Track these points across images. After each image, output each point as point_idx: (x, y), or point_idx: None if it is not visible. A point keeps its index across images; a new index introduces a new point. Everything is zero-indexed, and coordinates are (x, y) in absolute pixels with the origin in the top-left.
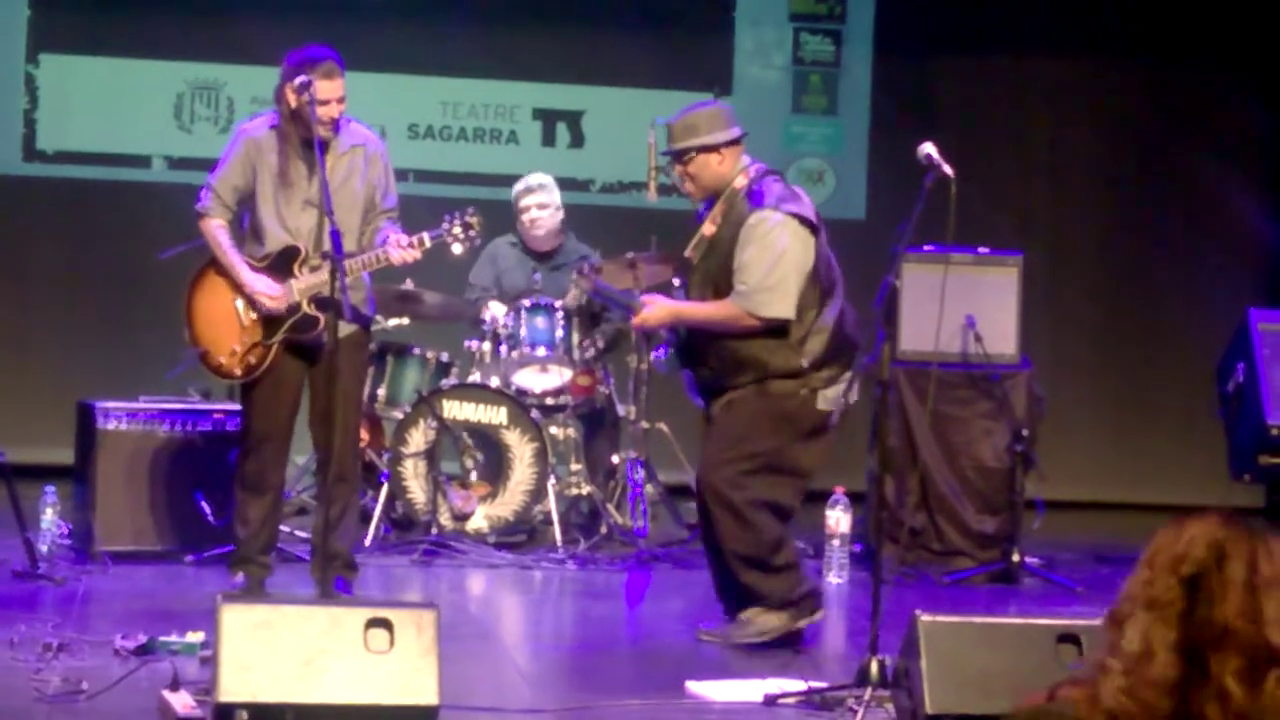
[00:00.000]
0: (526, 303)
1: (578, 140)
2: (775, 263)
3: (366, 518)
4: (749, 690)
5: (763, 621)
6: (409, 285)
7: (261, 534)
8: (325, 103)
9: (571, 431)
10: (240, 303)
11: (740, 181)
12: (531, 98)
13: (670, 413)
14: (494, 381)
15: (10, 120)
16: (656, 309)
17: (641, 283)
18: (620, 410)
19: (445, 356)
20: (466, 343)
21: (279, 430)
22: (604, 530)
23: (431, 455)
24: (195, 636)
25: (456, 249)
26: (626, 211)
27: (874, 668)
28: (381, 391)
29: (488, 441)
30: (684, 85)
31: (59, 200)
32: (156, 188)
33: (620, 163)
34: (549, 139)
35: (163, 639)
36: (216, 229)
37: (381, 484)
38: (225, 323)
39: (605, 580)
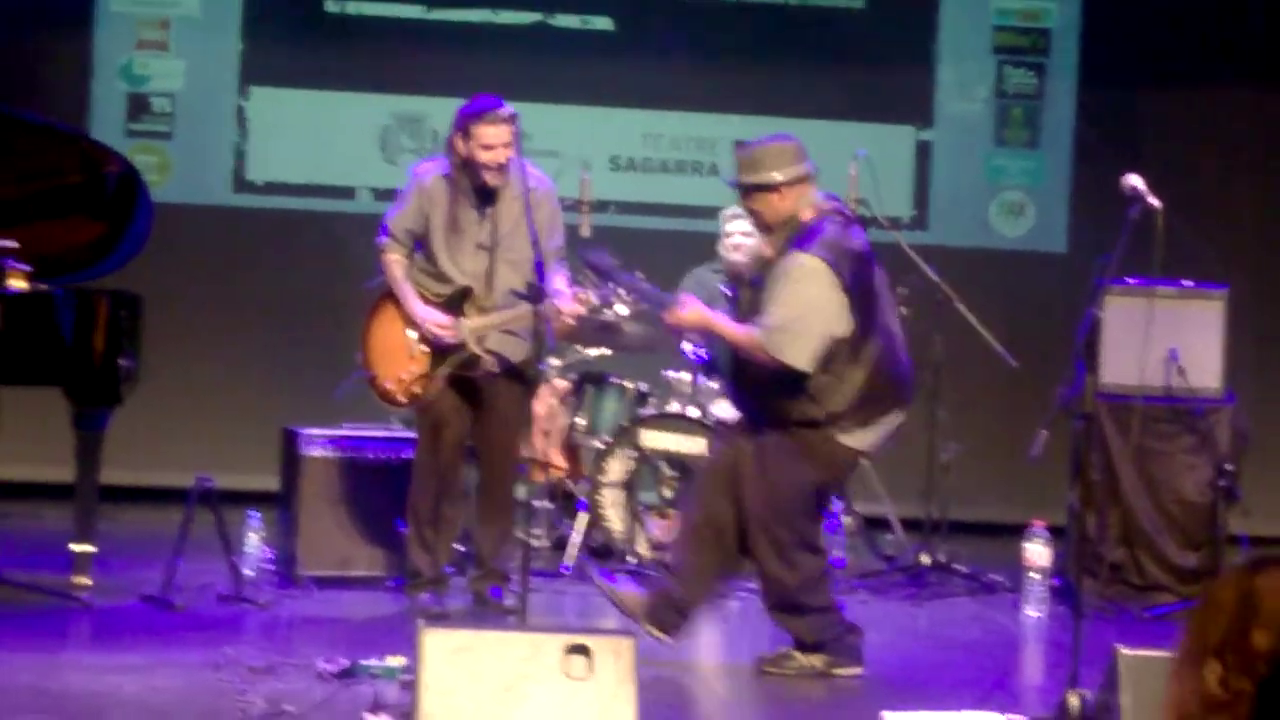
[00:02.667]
0: None
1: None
2: (802, 312)
3: (561, 545)
4: None
5: (801, 661)
6: (611, 315)
7: (438, 557)
8: (491, 148)
9: None
10: (412, 334)
11: (807, 215)
12: (733, 130)
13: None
14: (692, 411)
15: (221, 152)
16: (692, 311)
17: None
18: None
19: (644, 386)
20: (665, 372)
21: (442, 462)
22: None
23: (630, 485)
24: (396, 661)
25: (621, 310)
26: None
27: (1074, 702)
28: (581, 421)
29: (686, 471)
30: (884, 118)
31: (267, 231)
32: (361, 219)
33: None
34: None
35: (364, 662)
36: (393, 264)
37: (580, 512)
38: (396, 351)
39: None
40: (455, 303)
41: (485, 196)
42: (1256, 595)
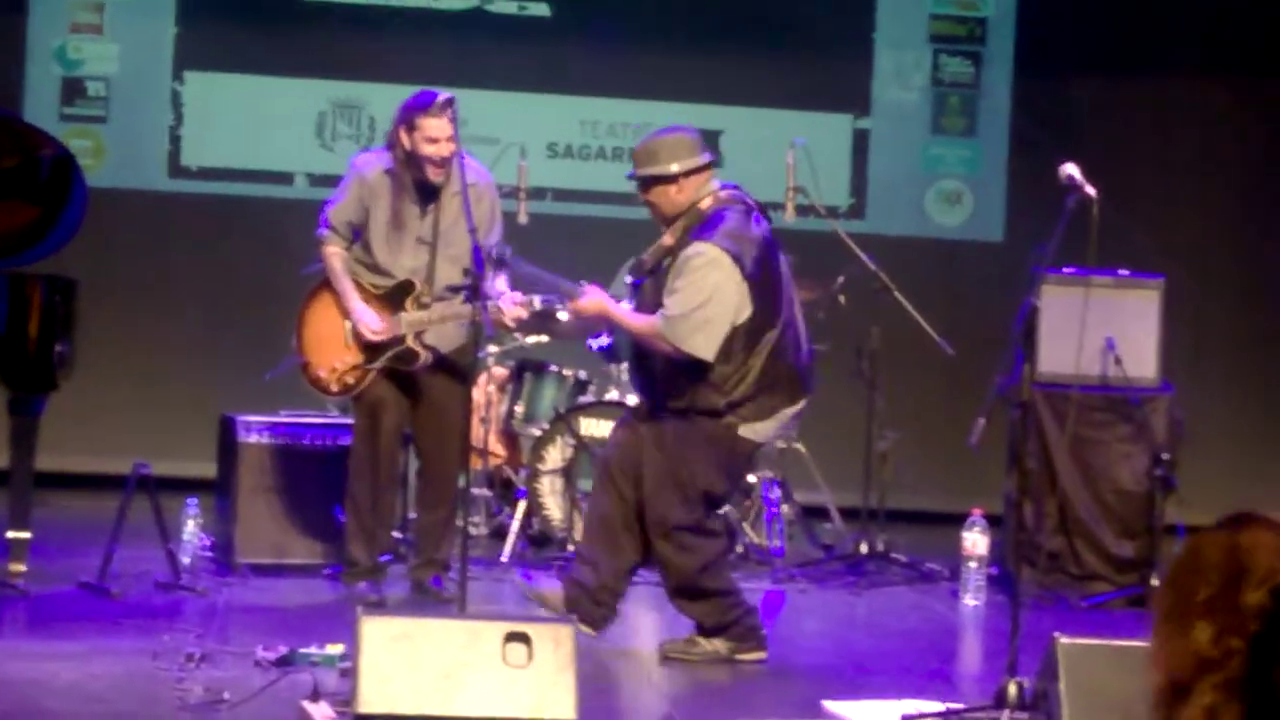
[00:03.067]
0: None
1: (718, 160)
2: (704, 301)
3: (501, 533)
4: (886, 711)
5: (705, 646)
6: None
7: (376, 545)
8: (435, 140)
9: None
10: (348, 325)
11: (706, 204)
12: (669, 117)
13: (806, 433)
14: (631, 399)
15: (156, 137)
16: (592, 300)
17: None
18: None
19: (583, 374)
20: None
21: (380, 451)
22: (740, 550)
23: (569, 472)
24: (335, 648)
25: (563, 316)
26: None
27: (1012, 690)
28: (519, 408)
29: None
30: (822, 106)
31: (203, 216)
32: (298, 204)
33: (757, 183)
34: None
35: (303, 650)
36: (332, 255)
37: (518, 500)
38: (331, 340)
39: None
40: (394, 296)
41: (427, 192)
42: (1243, 552)
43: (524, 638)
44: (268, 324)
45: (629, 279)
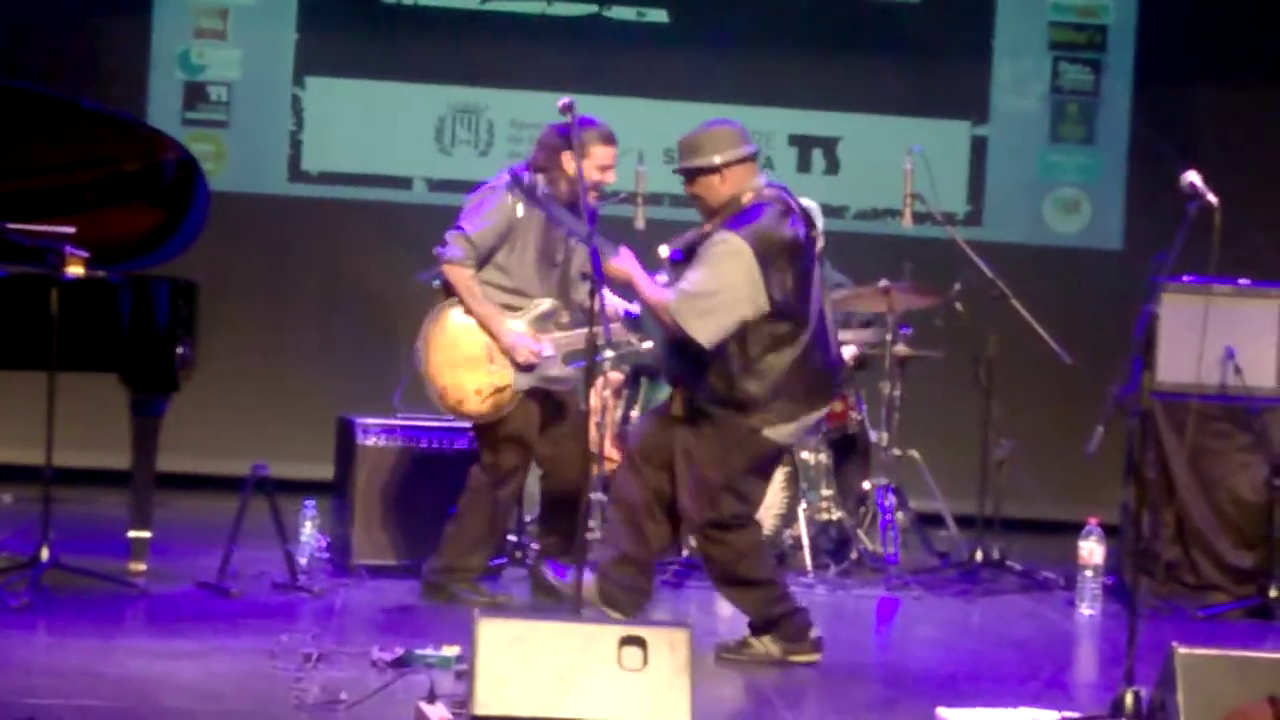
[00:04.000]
0: None
1: (833, 167)
2: (716, 290)
3: None
4: (1001, 719)
5: (757, 647)
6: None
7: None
8: (607, 168)
9: (823, 457)
10: (488, 345)
11: (747, 197)
12: (787, 124)
13: (922, 439)
14: None
15: (277, 141)
16: (622, 263)
17: (895, 309)
18: (872, 436)
19: None
20: None
21: (526, 462)
22: (854, 556)
23: None
24: (450, 650)
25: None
26: (881, 239)
27: (1129, 699)
28: (635, 414)
29: None
30: (940, 113)
31: (322, 220)
32: (416, 209)
33: (875, 189)
34: (804, 165)
35: (419, 651)
36: (469, 278)
37: None
38: (469, 364)
39: (855, 605)
40: (540, 321)
41: (574, 211)
42: None
43: (639, 642)
44: (386, 327)
45: (667, 251)
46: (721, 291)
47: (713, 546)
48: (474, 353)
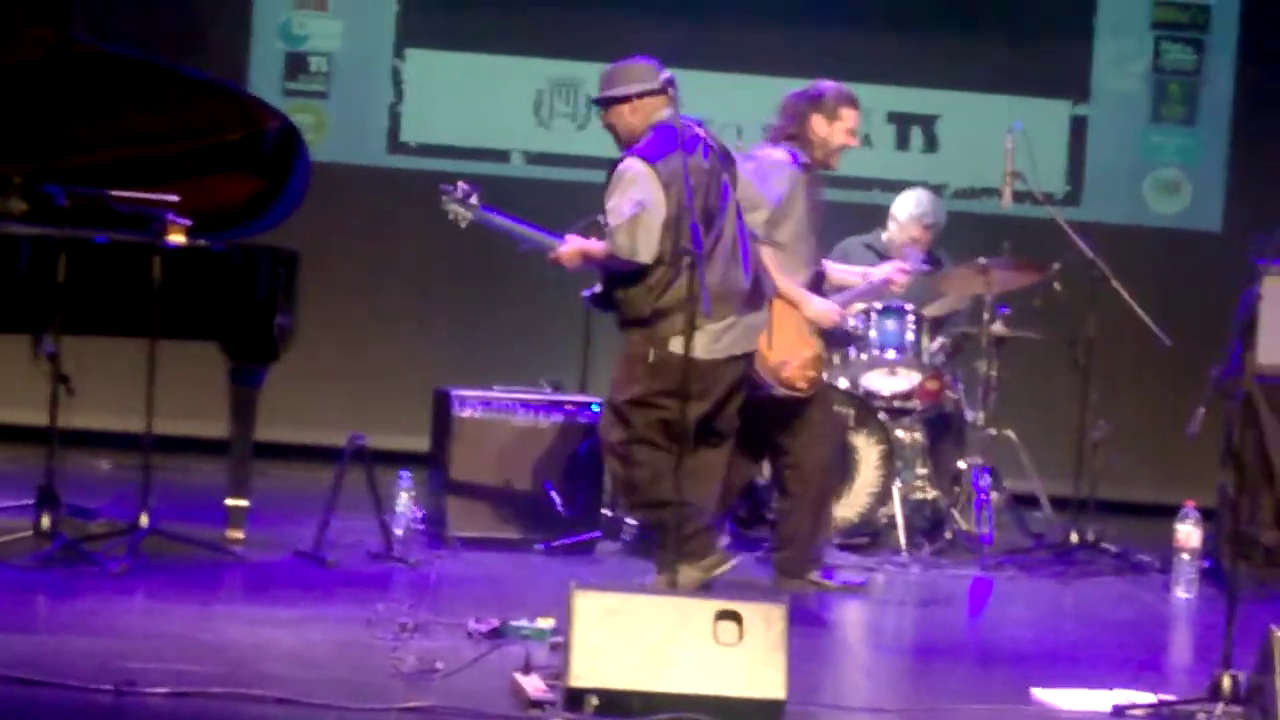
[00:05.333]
0: (878, 305)
1: (931, 144)
2: (640, 210)
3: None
4: (1096, 700)
5: (682, 575)
6: None
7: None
8: (854, 131)
9: (918, 435)
10: (799, 319)
11: (650, 132)
12: (886, 101)
13: (1018, 419)
14: (842, 383)
15: (377, 113)
16: (568, 247)
17: (993, 288)
18: (968, 416)
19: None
20: None
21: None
22: (948, 536)
23: None
24: (545, 622)
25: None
26: (980, 218)
27: (1226, 683)
28: None
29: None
30: (1040, 92)
31: (421, 192)
32: (514, 182)
33: (974, 168)
34: (903, 143)
35: (514, 623)
36: (769, 253)
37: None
38: (790, 338)
39: (949, 585)
40: (810, 287)
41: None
42: None
43: (735, 616)
44: (483, 299)
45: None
46: (645, 208)
47: (624, 468)
48: (795, 326)
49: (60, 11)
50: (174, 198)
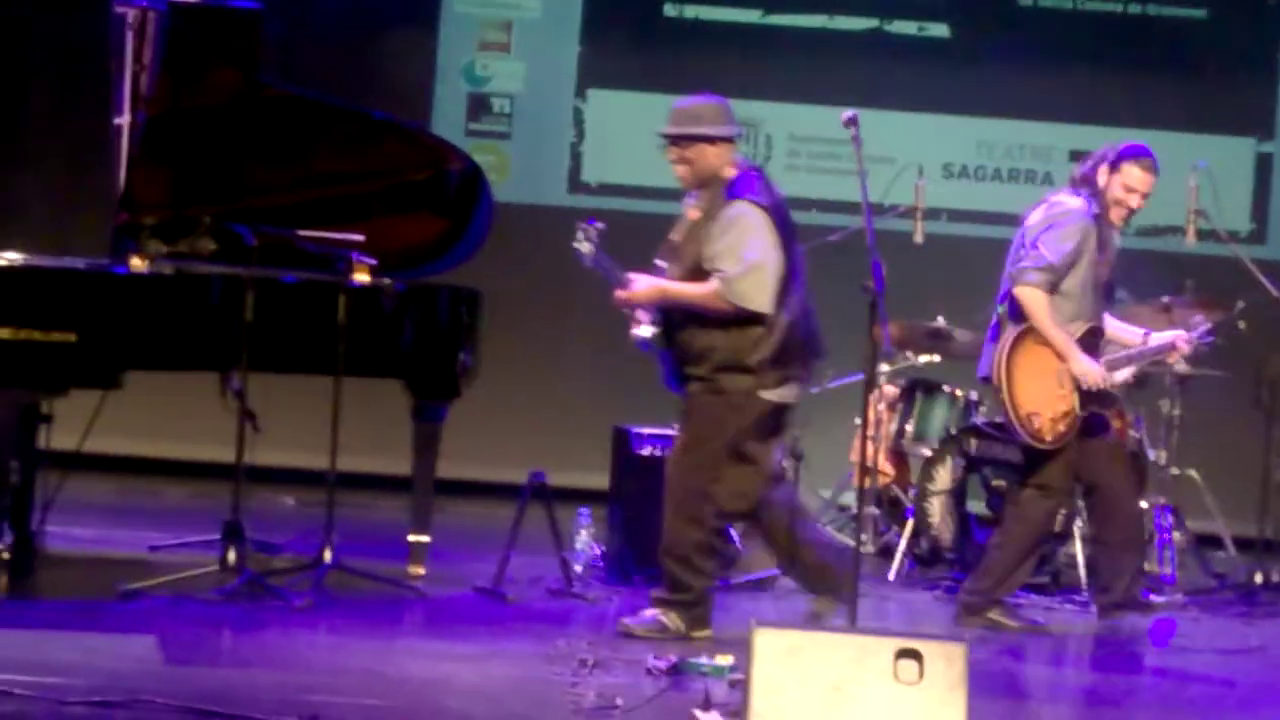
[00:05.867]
0: None
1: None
2: (756, 257)
3: (888, 551)
4: None
5: (667, 619)
6: (940, 322)
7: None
8: (1131, 190)
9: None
10: (1061, 372)
11: (728, 173)
12: (1067, 139)
13: (1202, 460)
14: None
15: (558, 153)
16: (643, 285)
17: (1176, 326)
18: (1150, 455)
19: (974, 395)
20: None
21: (1070, 483)
22: None
23: (958, 493)
24: (724, 659)
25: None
26: (1162, 256)
27: None
28: (909, 428)
29: (1014, 481)
30: (1222, 129)
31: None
32: None
33: (1155, 206)
34: None
35: (693, 660)
36: (1044, 300)
37: (906, 520)
38: (1046, 390)
39: (1129, 625)
40: (1087, 343)
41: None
42: None
43: (915, 655)
44: None
45: (659, 262)
46: (763, 256)
47: (680, 520)
48: (1050, 378)
49: (249, 56)
50: (360, 237)
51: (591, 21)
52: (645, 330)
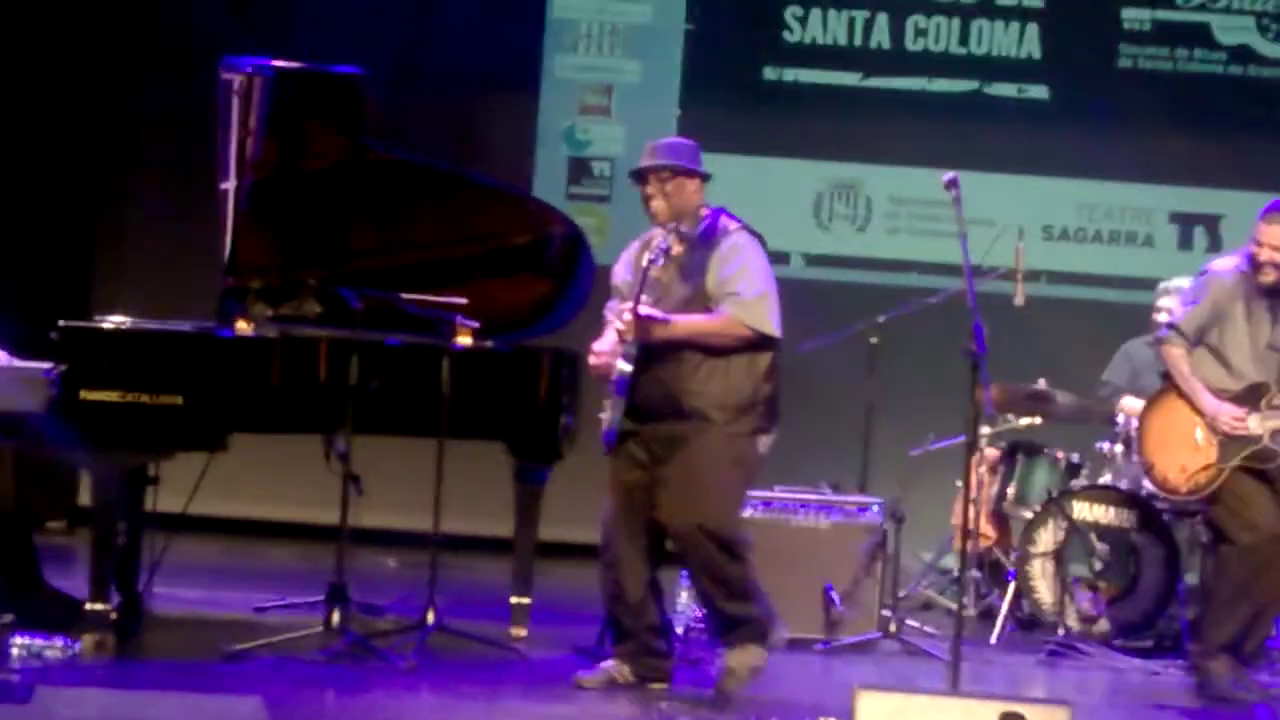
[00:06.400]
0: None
1: (1215, 244)
2: (764, 282)
3: (990, 614)
4: None
5: (750, 658)
6: (1042, 384)
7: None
8: (1261, 245)
9: (1204, 537)
10: (1199, 426)
11: (702, 210)
12: (1168, 201)
13: None
14: (1125, 484)
15: None
16: (650, 321)
17: None
18: None
19: (1076, 457)
20: (1098, 444)
21: (1265, 539)
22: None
23: (1060, 556)
24: None
25: None
26: None
27: None
28: (1010, 491)
29: (1117, 544)
30: None
31: None
32: (794, 284)
33: None
34: (1185, 242)
35: None
36: (1179, 357)
37: (1008, 582)
38: (1180, 442)
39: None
40: (1245, 398)
41: (1274, 295)
42: None
43: (1019, 718)
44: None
45: (645, 300)
46: (769, 283)
47: (732, 566)
48: (1185, 431)
49: (353, 120)
50: (462, 300)
51: (691, 85)
52: (625, 366)
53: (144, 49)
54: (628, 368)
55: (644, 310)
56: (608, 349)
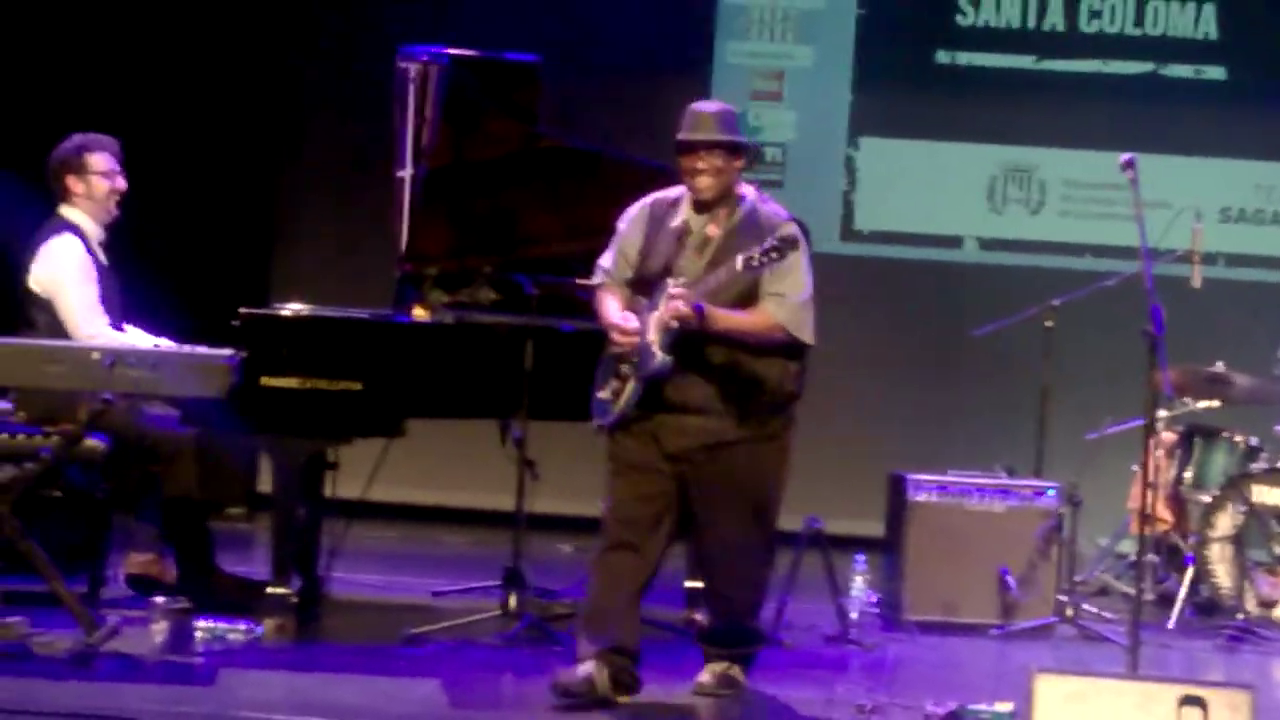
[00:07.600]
0: None
1: None
2: (807, 286)
3: (1167, 599)
4: None
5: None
6: (1220, 367)
7: None
8: None
9: None
10: None
11: (744, 190)
12: None
13: None
14: None
15: (830, 201)
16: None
17: None
18: None
19: (1255, 440)
20: (1277, 427)
21: None
22: None
23: (1239, 540)
24: (1004, 706)
25: None
26: None
27: None
28: (1188, 474)
29: None
30: None
31: (874, 278)
32: (967, 268)
33: None
34: None
35: (972, 707)
36: None
37: (1186, 567)
38: None
39: None
40: None
41: None
42: None
43: (1199, 702)
44: (939, 383)
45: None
46: (809, 286)
47: (765, 570)
48: None
49: (528, 107)
50: None
51: (863, 69)
52: (663, 355)
53: (307, 36)
54: (668, 357)
55: (701, 302)
56: (637, 327)
